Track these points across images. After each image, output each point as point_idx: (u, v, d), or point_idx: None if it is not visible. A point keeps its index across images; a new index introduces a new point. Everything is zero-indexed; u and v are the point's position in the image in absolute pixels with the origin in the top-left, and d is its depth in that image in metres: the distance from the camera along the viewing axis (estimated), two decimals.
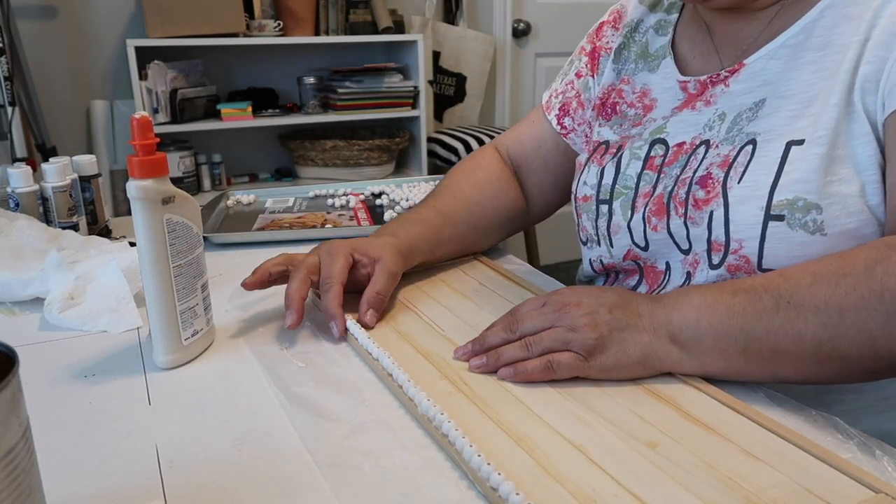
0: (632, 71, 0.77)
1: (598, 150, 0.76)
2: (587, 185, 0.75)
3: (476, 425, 0.50)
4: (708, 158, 0.64)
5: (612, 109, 0.78)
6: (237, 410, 0.54)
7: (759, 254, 0.59)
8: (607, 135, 0.76)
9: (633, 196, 0.70)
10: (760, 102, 0.63)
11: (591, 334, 0.55)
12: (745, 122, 0.63)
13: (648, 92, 0.74)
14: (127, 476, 0.46)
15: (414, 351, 0.62)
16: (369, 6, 2.44)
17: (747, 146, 0.62)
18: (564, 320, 0.56)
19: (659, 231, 0.67)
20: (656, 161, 0.69)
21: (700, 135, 0.67)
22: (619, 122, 0.76)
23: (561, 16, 2.92)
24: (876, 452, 0.47)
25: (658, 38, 0.76)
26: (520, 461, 0.46)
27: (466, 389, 0.55)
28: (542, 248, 2.87)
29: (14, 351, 0.34)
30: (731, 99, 0.65)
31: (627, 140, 0.73)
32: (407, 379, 0.55)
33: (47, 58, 2.24)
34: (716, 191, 0.62)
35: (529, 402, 0.53)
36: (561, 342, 0.56)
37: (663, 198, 0.67)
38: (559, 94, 0.86)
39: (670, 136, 0.69)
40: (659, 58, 0.75)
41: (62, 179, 0.92)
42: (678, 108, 0.70)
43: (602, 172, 0.73)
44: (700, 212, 0.63)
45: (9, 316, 0.72)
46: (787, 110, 0.61)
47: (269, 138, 2.58)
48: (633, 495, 0.42)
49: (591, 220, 0.75)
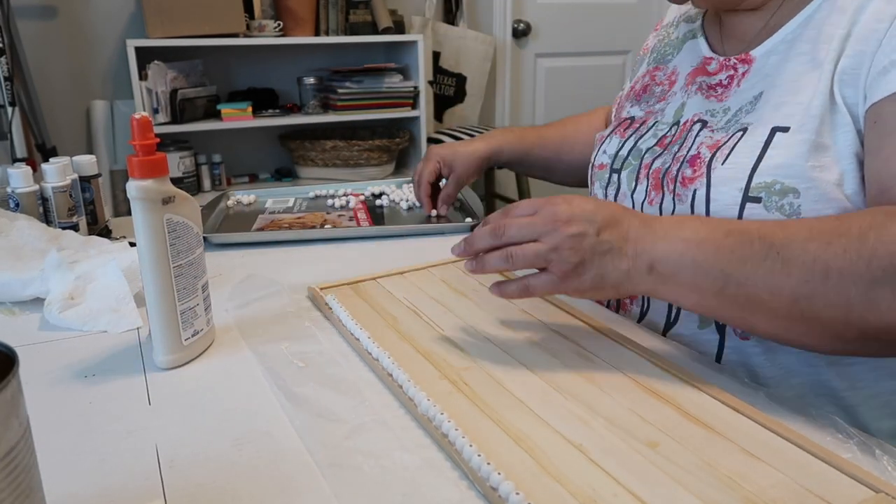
0: (668, 59, 0.81)
1: (622, 124, 0.80)
2: (605, 154, 0.79)
3: (476, 425, 0.50)
4: (700, 138, 0.67)
5: (644, 90, 0.82)
6: (237, 410, 0.54)
7: None
8: (635, 112, 0.80)
9: (638, 167, 0.73)
10: (758, 96, 0.65)
11: (572, 258, 0.55)
12: (743, 115, 0.65)
13: (676, 70, 0.78)
14: (127, 476, 0.46)
15: (414, 351, 0.62)
16: (369, 6, 2.44)
17: (738, 132, 0.64)
18: (550, 237, 0.56)
19: (653, 205, 0.70)
20: (667, 140, 0.72)
21: (700, 114, 0.70)
22: (646, 100, 0.80)
23: (561, 16, 2.92)
24: (876, 452, 0.47)
25: (686, 26, 0.80)
26: (519, 461, 0.46)
27: (466, 389, 0.55)
28: None
29: (14, 351, 0.34)
30: (739, 95, 0.67)
31: (651, 115, 0.77)
32: (407, 379, 0.55)
33: (47, 58, 2.24)
34: (701, 170, 0.64)
35: (529, 402, 0.53)
36: (542, 259, 0.56)
37: (660, 173, 0.70)
38: None
39: (684, 117, 0.72)
40: (687, 39, 0.79)
41: (62, 179, 0.92)
42: (689, 74, 0.74)
43: (622, 144, 0.77)
44: (686, 189, 0.65)
45: (9, 316, 0.72)
46: (777, 98, 0.63)
47: (269, 138, 2.58)
48: (633, 495, 0.42)
49: (603, 188, 0.78)
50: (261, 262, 0.78)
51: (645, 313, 0.73)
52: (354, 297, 0.74)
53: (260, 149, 2.59)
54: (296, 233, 0.98)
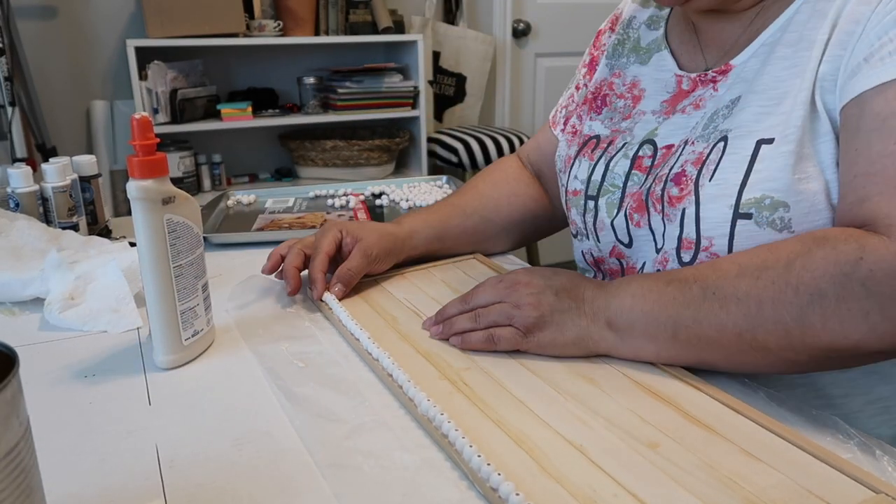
0: (623, 65, 0.78)
1: (588, 144, 0.77)
2: (577, 180, 0.76)
3: (476, 425, 0.50)
4: (684, 155, 0.65)
5: (603, 102, 0.78)
6: (237, 410, 0.54)
7: (729, 251, 0.60)
8: (598, 129, 0.77)
9: (620, 195, 0.71)
10: (736, 100, 0.63)
11: (532, 313, 0.60)
12: (720, 120, 0.63)
13: (638, 83, 0.75)
14: (127, 476, 0.46)
15: (414, 351, 0.62)
16: (369, 6, 2.44)
17: (719, 143, 0.62)
18: (512, 297, 0.62)
19: (641, 227, 0.68)
20: (644, 161, 0.69)
21: (686, 134, 0.67)
22: (609, 116, 0.77)
23: (561, 16, 2.91)
24: (876, 452, 0.47)
25: (650, 33, 0.77)
26: (520, 461, 0.46)
27: (466, 390, 0.55)
28: (542, 249, 2.87)
29: (14, 351, 0.34)
30: (718, 101, 0.65)
31: (618, 134, 0.74)
32: (407, 379, 0.55)
33: (47, 58, 2.24)
34: (688, 188, 0.63)
35: (529, 403, 0.53)
36: (505, 316, 0.61)
37: (642, 195, 0.67)
38: (563, 109, 0.89)
39: (660, 138, 0.69)
40: (652, 51, 0.75)
41: (62, 179, 0.92)
42: (667, 102, 0.71)
43: (592, 168, 0.74)
44: (674, 209, 0.64)
45: (9, 316, 0.72)
46: (757, 106, 0.61)
47: (269, 138, 2.58)
48: (633, 495, 0.42)
49: (580, 215, 0.76)
50: (261, 262, 0.78)
51: None
52: (354, 297, 0.74)
53: (260, 149, 2.58)
54: (296, 233, 0.98)
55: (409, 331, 0.66)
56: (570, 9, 2.91)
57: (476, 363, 0.60)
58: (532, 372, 0.58)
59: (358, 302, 0.73)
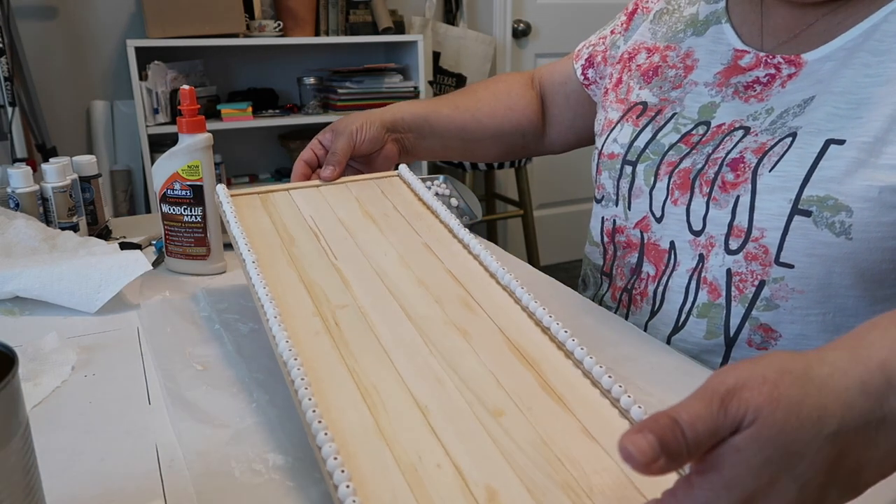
0: (680, 38, 0.76)
1: (633, 109, 0.76)
2: (616, 143, 0.75)
3: (328, 374, 0.49)
4: (744, 143, 0.63)
5: (654, 72, 0.77)
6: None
7: (780, 246, 0.59)
8: (646, 97, 0.75)
9: (658, 162, 0.69)
10: (809, 99, 0.62)
11: None
12: (790, 118, 0.62)
13: (692, 53, 0.74)
14: (127, 476, 0.46)
15: (298, 279, 0.59)
16: (369, 6, 2.44)
17: (787, 138, 0.61)
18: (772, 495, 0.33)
19: (678, 206, 0.67)
20: (693, 138, 0.68)
21: (742, 121, 0.66)
22: (658, 85, 0.75)
23: (561, 16, 2.92)
24: None
25: (708, 7, 0.75)
26: (358, 418, 0.45)
27: (335, 331, 0.53)
28: (542, 249, 2.88)
29: (14, 351, 0.34)
30: (783, 97, 0.64)
31: (667, 104, 0.72)
32: (275, 315, 0.53)
33: (47, 58, 2.24)
34: (745, 176, 0.61)
35: (393, 353, 0.51)
36: None
37: (690, 173, 0.66)
38: (590, 46, 0.90)
39: (716, 119, 0.68)
40: (710, 22, 0.74)
41: (62, 180, 0.92)
42: (721, 74, 0.70)
43: (637, 134, 0.73)
44: (726, 194, 0.62)
45: (9, 316, 0.72)
46: (832, 106, 0.59)
47: (269, 138, 2.58)
48: (456, 468, 0.41)
49: (613, 179, 0.74)
50: None
51: (655, 313, 0.71)
52: (260, 208, 0.71)
53: (260, 149, 2.59)
54: None
55: (301, 255, 0.63)
56: (570, 9, 2.92)
57: (356, 300, 0.58)
58: (408, 317, 0.56)
59: (262, 216, 0.70)
